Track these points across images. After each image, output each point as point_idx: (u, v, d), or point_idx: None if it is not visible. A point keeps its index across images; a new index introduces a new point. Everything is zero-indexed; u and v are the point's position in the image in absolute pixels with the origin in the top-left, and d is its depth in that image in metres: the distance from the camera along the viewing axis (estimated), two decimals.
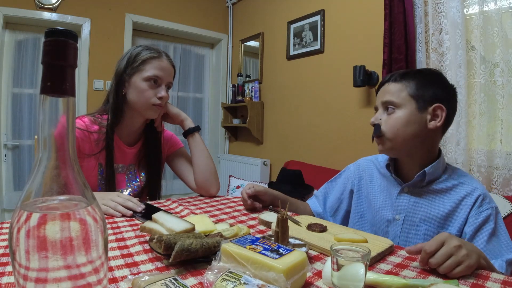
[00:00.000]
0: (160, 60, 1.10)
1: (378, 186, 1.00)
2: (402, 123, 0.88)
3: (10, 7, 2.50)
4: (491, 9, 1.64)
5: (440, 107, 0.86)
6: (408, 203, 0.91)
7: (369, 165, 1.06)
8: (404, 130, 0.88)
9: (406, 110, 0.88)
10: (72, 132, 0.35)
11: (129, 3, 3.01)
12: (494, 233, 0.80)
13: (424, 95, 0.87)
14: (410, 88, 0.88)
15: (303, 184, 2.35)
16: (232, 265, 0.52)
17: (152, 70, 1.08)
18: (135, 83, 1.09)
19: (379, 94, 0.95)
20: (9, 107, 2.67)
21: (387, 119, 0.90)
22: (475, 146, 1.72)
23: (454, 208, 0.86)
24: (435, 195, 0.89)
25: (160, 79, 1.10)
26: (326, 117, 2.58)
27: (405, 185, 0.93)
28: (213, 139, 3.73)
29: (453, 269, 0.58)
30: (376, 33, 2.14)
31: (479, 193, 0.85)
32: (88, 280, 0.33)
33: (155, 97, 1.10)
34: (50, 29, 0.32)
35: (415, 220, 0.89)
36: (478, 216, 0.82)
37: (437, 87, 0.88)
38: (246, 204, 1.03)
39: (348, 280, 0.50)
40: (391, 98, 0.89)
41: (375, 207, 0.98)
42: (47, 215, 0.32)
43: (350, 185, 1.08)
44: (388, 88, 0.91)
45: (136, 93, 1.09)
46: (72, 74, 0.34)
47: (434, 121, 0.87)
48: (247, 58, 3.48)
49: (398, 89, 0.89)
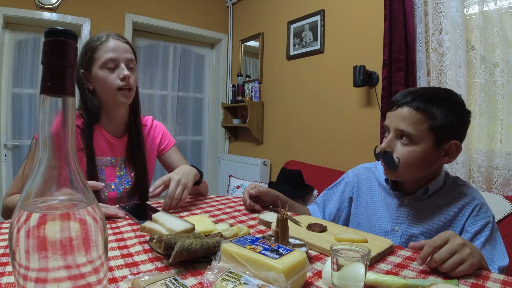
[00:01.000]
0: (108, 42, 1.06)
1: (377, 197, 0.98)
2: (417, 159, 0.82)
3: (10, 7, 2.50)
4: (491, 9, 1.64)
5: (456, 144, 0.82)
6: (408, 216, 0.90)
7: (368, 175, 1.03)
8: (417, 165, 0.83)
9: (423, 145, 0.81)
10: (72, 132, 0.35)
11: (129, 3, 3.01)
12: (488, 241, 0.80)
13: (446, 130, 0.80)
14: (432, 120, 0.80)
15: (303, 184, 2.36)
16: (232, 265, 0.52)
17: (104, 54, 1.05)
18: (95, 74, 1.06)
19: (394, 116, 0.86)
20: (9, 107, 2.67)
21: (400, 150, 0.84)
22: (475, 146, 1.72)
23: (453, 219, 0.85)
24: (435, 208, 0.87)
25: (115, 60, 1.06)
26: (326, 117, 2.58)
27: (405, 198, 0.92)
28: (213, 139, 3.73)
29: (456, 267, 0.58)
30: (376, 33, 2.14)
31: (477, 203, 0.84)
32: (88, 280, 0.33)
33: (118, 79, 1.06)
34: (50, 29, 0.32)
35: (414, 232, 0.88)
36: (474, 224, 0.82)
37: (458, 119, 0.82)
38: (246, 204, 1.03)
39: (348, 280, 0.50)
40: (409, 129, 0.81)
41: (374, 217, 0.97)
42: (47, 215, 0.32)
43: (349, 193, 1.06)
44: (406, 115, 0.82)
45: (100, 84, 1.07)
46: (72, 74, 0.34)
47: (447, 157, 0.84)
48: (247, 58, 3.48)
49: (418, 120, 0.81)
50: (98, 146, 1.11)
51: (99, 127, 1.12)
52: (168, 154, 1.29)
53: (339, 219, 1.07)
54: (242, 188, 2.82)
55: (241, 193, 2.72)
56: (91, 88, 1.09)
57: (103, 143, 1.12)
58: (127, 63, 1.09)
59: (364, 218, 1.00)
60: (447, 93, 0.85)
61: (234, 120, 3.42)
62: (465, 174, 1.72)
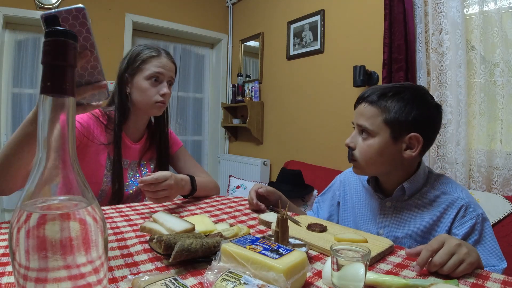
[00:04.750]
0: (159, 58, 1.13)
1: (363, 200, 0.98)
2: (375, 152, 0.83)
3: (10, 7, 2.50)
4: (491, 9, 1.64)
5: (416, 137, 0.81)
6: (391, 219, 0.90)
7: (354, 179, 1.04)
8: (377, 159, 0.84)
9: (380, 138, 0.83)
10: (72, 132, 0.35)
11: (129, 3, 3.01)
12: (478, 242, 0.78)
13: (400, 123, 0.81)
14: (386, 114, 0.81)
15: (303, 184, 2.36)
16: (232, 265, 0.52)
17: (152, 68, 1.11)
18: (137, 83, 1.12)
19: (356, 112, 0.89)
20: (9, 107, 2.68)
21: (361, 144, 0.86)
22: (475, 146, 1.72)
23: (437, 220, 0.83)
24: (417, 210, 0.86)
25: (161, 76, 1.12)
26: (326, 117, 2.58)
27: (387, 200, 0.91)
28: (213, 139, 3.73)
29: (456, 268, 0.58)
30: (376, 33, 2.14)
31: (461, 204, 0.81)
32: (88, 280, 0.33)
33: (157, 94, 1.12)
34: (50, 29, 0.32)
35: (398, 234, 0.87)
36: (461, 227, 0.79)
37: (416, 112, 0.81)
38: (252, 203, 1.03)
39: (348, 280, 0.50)
40: (365, 123, 0.84)
41: (360, 221, 0.97)
42: (47, 215, 0.32)
43: (337, 197, 1.08)
44: (363, 110, 0.85)
45: (139, 93, 1.12)
46: (72, 74, 0.34)
47: (409, 150, 0.83)
48: (247, 58, 3.48)
49: (373, 114, 0.83)
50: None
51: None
52: (175, 156, 1.31)
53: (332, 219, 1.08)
54: (242, 188, 2.82)
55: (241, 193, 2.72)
56: (128, 92, 1.15)
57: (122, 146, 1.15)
58: (169, 80, 1.16)
59: (351, 222, 0.99)
60: (406, 88, 0.85)
61: (234, 120, 3.42)
62: (465, 174, 1.72)
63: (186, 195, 1.11)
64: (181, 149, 1.32)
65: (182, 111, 3.60)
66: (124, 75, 1.13)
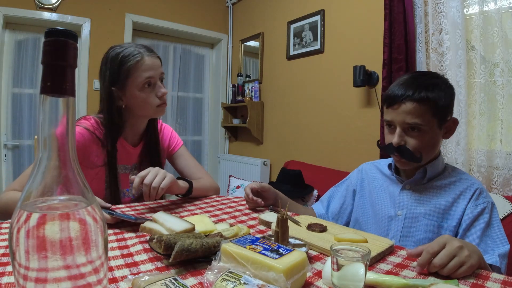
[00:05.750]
0: (143, 61, 1.05)
1: (380, 186, 1.03)
2: (427, 145, 0.89)
3: (10, 7, 2.50)
4: (491, 9, 1.64)
5: (453, 120, 0.90)
6: (410, 199, 0.94)
7: (371, 168, 1.10)
8: (429, 150, 0.90)
9: (431, 131, 0.88)
10: (72, 132, 0.35)
11: (129, 3, 3.01)
12: (488, 225, 0.83)
13: (444, 111, 0.88)
14: (433, 107, 0.86)
15: (303, 184, 2.36)
16: (232, 265, 0.52)
17: (142, 74, 1.04)
18: (131, 95, 1.06)
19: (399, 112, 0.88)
20: (9, 107, 2.67)
21: (412, 141, 0.88)
22: (475, 146, 1.72)
23: (453, 201, 0.89)
24: (435, 190, 0.92)
25: (152, 79, 1.07)
26: (326, 117, 2.57)
27: (406, 182, 0.96)
28: (213, 139, 3.73)
29: (456, 269, 0.58)
30: (376, 33, 2.13)
31: (476, 187, 0.89)
32: (88, 280, 0.33)
33: (156, 98, 1.09)
34: (50, 29, 0.32)
35: (416, 214, 0.92)
36: (475, 208, 0.86)
37: (449, 97, 0.89)
38: (248, 199, 1.04)
39: (348, 280, 0.50)
40: (417, 121, 0.86)
41: (377, 206, 1.01)
42: (47, 215, 0.32)
43: (352, 186, 1.12)
44: (411, 109, 0.86)
45: (137, 103, 1.08)
46: (72, 74, 0.34)
47: (448, 133, 0.91)
48: (247, 58, 3.48)
49: (423, 110, 0.86)
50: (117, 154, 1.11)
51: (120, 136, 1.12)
52: (175, 156, 1.30)
53: (343, 213, 1.12)
54: (242, 188, 2.82)
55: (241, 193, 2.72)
56: (123, 106, 1.08)
57: (121, 151, 1.13)
58: (161, 78, 1.11)
59: (368, 206, 1.04)
60: (436, 77, 0.91)
61: (234, 120, 3.42)
62: None
63: (183, 194, 1.10)
64: (182, 149, 1.31)
65: (182, 111, 3.60)
66: (111, 89, 1.05)
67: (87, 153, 1.04)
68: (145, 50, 1.07)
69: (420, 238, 0.90)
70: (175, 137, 1.32)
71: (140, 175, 0.95)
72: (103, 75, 1.07)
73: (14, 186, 0.97)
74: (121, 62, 1.03)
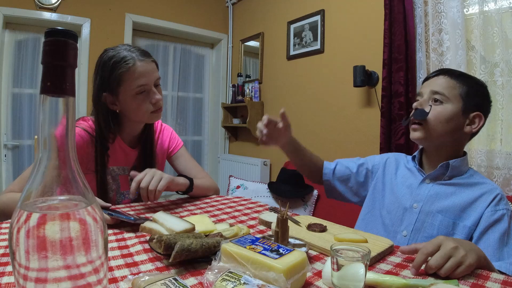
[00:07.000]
0: (135, 67, 0.99)
1: (401, 177, 1.04)
2: (445, 118, 0.91)
3: (10, 7, 2.50)
4: (491, 9, 1.64)
5: (479, 116, 0.92)
6: (428, 193, 0.94)
7: (396, 159, 1.11)
8: (444, 125, 0.91)
9: (453, 106, 0.91)
10: (72, 132, 0.35)
11: (129, 3, 3.01)
12: (506, 233, 0.82)
13: (471, 101, 0.91)
14: (463, 89, 0.91)
15: (303, 184, 2.36)
16: (232, 265, 0.52)
17: (134, 82, 1.00)
18: (124, 101, 1.03)
19: (429, 83, 0.97)
20: (9, 107, 2.67)
21: (432, 109, 0.93)
22: (475, 146, 1.72)
23: (472, 202, 0.88)
24: (455, 188, 0.92)
25: (146, 86, 1.02)
26: (326, 117, 2.57)
27: (427, 176, 0.96)
28: (213, 139, 3.73)
29: (454, 270, 0.58)
30: (376, 33, 2.13)
31: (498, 192, 0.88)
32: (88, 280, 0.33)
33: (150, 105, 1.05)
34: (50, 29, 0.32)
35: (432, 210, 0.91)
36: (494, 213, 0.84)
37: (483, 98, 0.93)
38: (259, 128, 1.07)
39: (348, 280, 0.50)
40: (443, 90, 0.92)
41: (395, 195, 1.01)
42: (47, 215, 0.32)
43: (370, 165, 1.13)
44: (441, 81, 0.94)
45: (130, 110, 1.05)
46: (72, 74, 0.34)
47: (470, 126, 0.92)
48: (247, 58, 3.47)
49: (451, 85, 0.92)
50: (114, 155, 1.11)
51: (118, 137, 1.11)
52: (175, 157, 1.29)
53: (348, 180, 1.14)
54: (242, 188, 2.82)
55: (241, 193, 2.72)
56: (117, 111, 1.06)
57: (119, 153, 1.12)
58: (156, 82, 1.06)
59: (387, 195, 1.04)
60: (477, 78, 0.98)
61: (234, 120, 3.41)
62: None
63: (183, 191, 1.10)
64: (182, 150, 1.31)
65: (182, 111, 3.60)
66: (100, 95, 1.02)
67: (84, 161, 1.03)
68: (138, 54, 1.01)
69: (433, 234, 0.88)
70: (175, 138, 1.31)
71: (136, 179, 0.95)
72: (94, 79, 1.05)
73: (12, 188, 0.98)
74: (113, 68, 0.99)
